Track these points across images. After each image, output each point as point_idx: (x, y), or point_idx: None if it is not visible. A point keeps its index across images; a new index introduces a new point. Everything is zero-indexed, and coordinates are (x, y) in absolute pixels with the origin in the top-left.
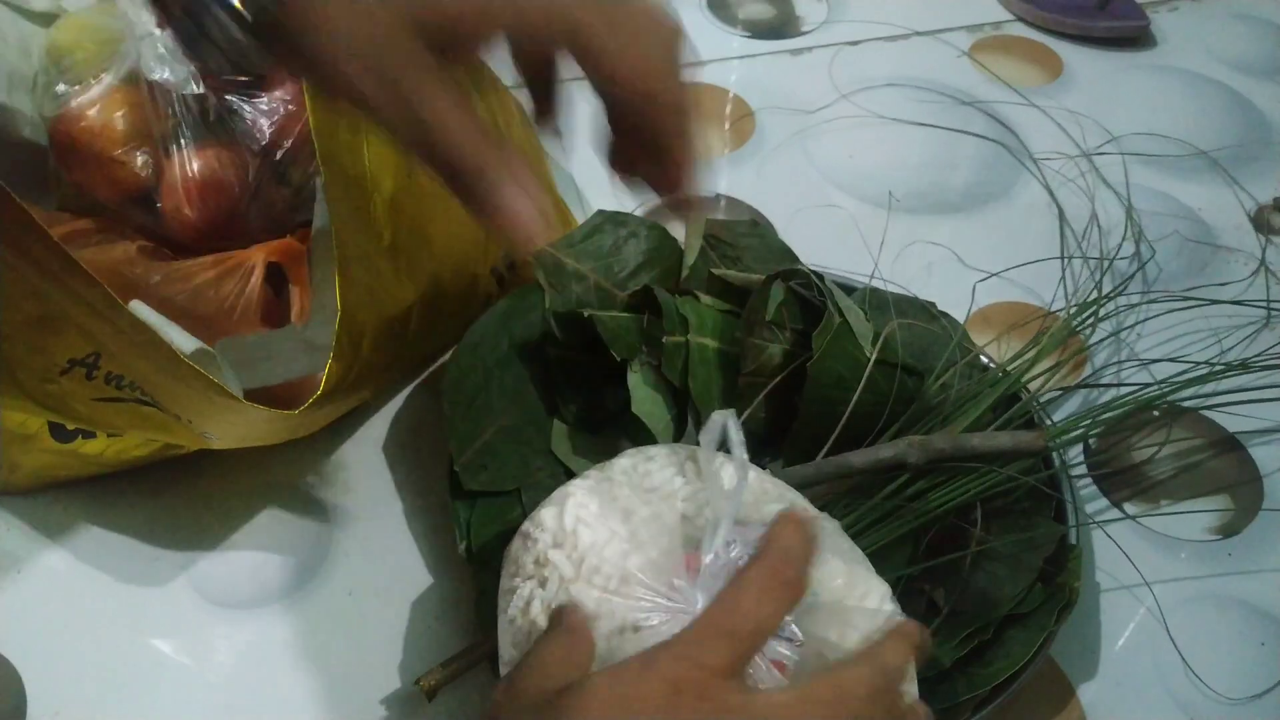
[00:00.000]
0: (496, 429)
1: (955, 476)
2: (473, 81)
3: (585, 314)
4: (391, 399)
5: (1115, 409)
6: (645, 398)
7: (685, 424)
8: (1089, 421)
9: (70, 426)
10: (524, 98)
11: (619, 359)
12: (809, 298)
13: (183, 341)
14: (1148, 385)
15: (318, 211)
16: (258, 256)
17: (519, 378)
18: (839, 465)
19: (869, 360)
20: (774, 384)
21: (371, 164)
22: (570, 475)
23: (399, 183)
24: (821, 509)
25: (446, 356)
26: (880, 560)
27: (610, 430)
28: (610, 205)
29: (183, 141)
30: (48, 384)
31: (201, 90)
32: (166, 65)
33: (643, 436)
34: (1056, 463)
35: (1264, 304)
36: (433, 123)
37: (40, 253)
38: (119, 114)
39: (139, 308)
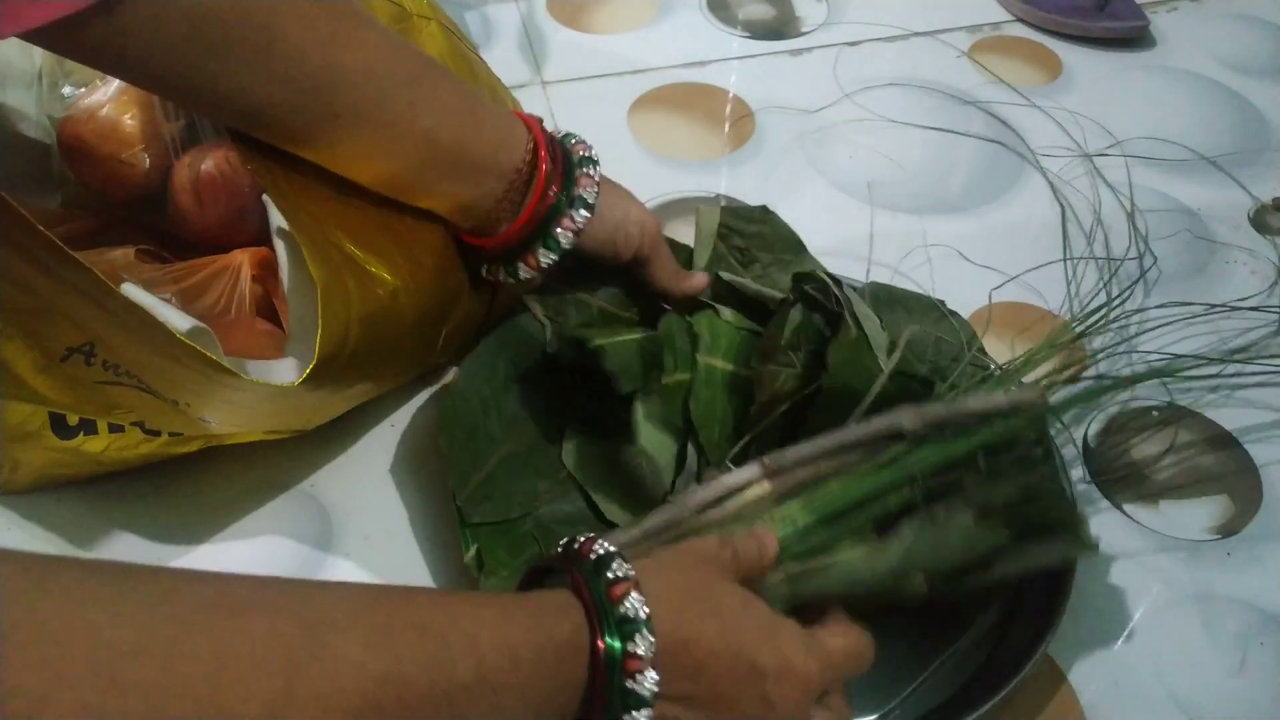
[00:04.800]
0: (499, 458)
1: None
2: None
3: (590, 346)
4: (395, 400)
5: (1115, 387)
6: (651, 434)
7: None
8: (1094, 387)
9: (73, 421)
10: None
11: (625, 392)
12: (823, 302)
13: (178, 320)
14: (1144, 375)
15: (272, 215)
16: (243, 258)
17: (520, 402)
18: (836, 440)
19: (883, 373)
20: (785, 407)
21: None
22: (580, 488)
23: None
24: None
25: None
26: (878, 500)
27: (621, 437)
28: None
29: (192, 143)
30: (49, 371)
31: None
32: None
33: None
34: (1054, 435)
35: (1276, 310)
36: None
37: (29, 244)
38: (128, 116)
39: (131, 290)
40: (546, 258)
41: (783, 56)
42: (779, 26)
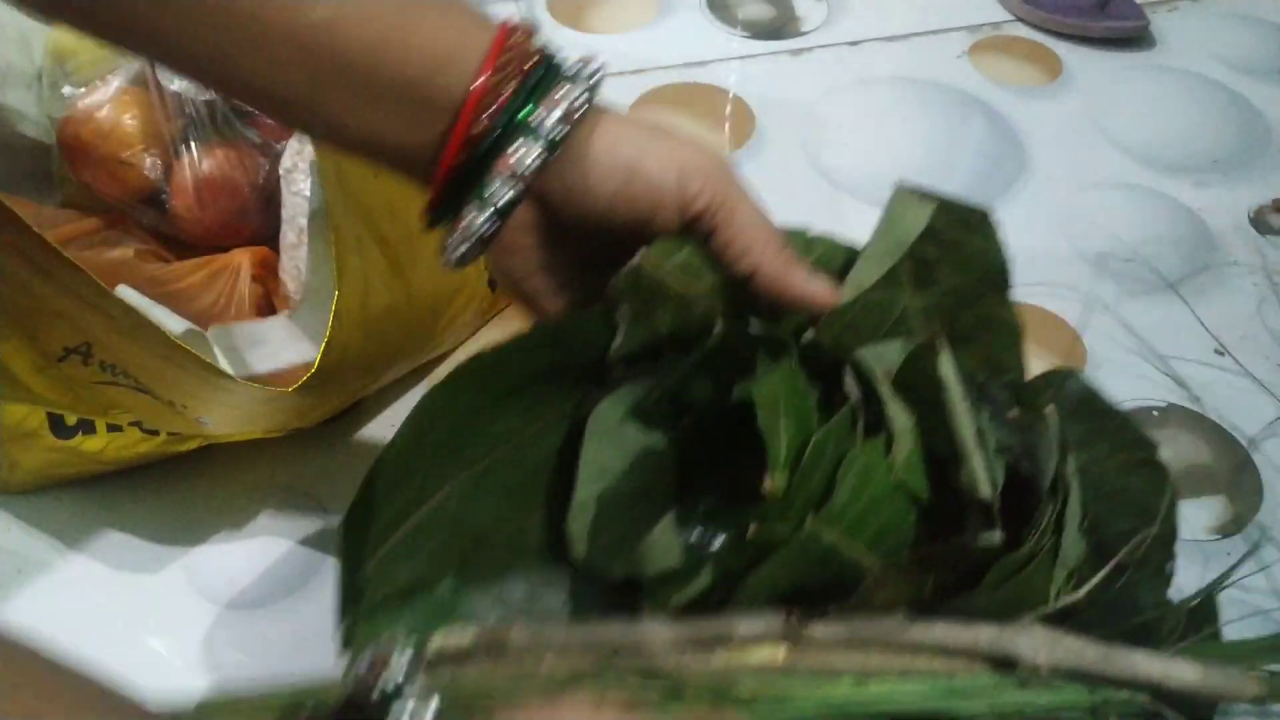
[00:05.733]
0: (444, 498)
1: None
2: None
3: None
4: (395, 399)
5: None
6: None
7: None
8: None
9: (71, 421)
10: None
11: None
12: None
13: (171, 323)
14: None
15: (313, 195)
16: (243, 258)
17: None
18: (910, 636)
19: (1048, 605)
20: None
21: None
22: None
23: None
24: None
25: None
26: None
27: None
28: None
29: (192, 143)
30: (47, 371)
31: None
32: None
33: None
34: None
35: None
36: None
37: (25, 246)
38: (128, 116)
39: (125, 292)
40: (473, 218)
41: (783, 56)
42: (779, 26)
